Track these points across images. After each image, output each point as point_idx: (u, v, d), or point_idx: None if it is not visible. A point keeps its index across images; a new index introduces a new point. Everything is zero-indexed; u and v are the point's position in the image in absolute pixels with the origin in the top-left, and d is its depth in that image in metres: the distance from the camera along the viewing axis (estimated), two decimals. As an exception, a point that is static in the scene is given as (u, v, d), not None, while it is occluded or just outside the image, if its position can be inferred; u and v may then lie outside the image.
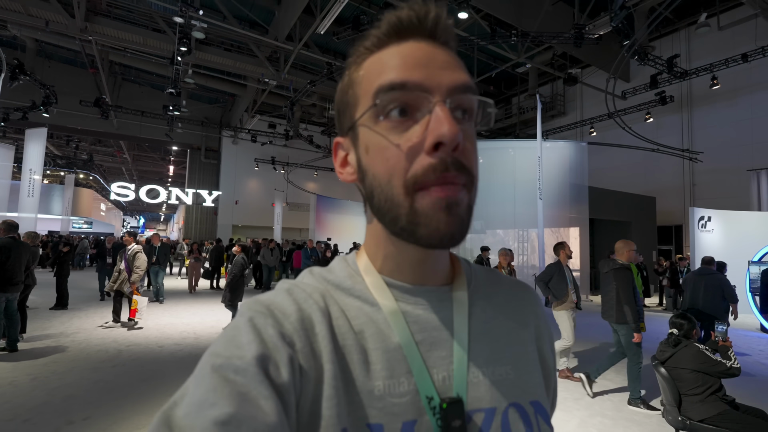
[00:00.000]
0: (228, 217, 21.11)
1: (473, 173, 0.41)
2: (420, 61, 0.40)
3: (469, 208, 0.41)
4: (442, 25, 0.42)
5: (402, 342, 0.42)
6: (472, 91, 0.41)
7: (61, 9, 10.94)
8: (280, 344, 0.38)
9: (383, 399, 0.40)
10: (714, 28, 11.18)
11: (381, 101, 0.40)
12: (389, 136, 0.40)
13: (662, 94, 12.55)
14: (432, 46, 0.42)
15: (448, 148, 0.37)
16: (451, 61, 0.42)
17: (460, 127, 0.39)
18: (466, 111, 0.41)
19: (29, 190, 11.37)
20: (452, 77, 0.40)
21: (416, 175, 0.38)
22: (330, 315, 0.43)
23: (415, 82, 0.39)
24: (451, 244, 0.39)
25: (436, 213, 0.38)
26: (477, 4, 9.99)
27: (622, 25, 9.02)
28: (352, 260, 0.49)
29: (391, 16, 0.42)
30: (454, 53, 0.44)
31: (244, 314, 0.41)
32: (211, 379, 0.34)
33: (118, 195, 21.51)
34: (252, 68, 13.87)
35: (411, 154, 0.39)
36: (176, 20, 9.61)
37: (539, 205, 8.01)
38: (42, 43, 14.78)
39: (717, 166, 12.81)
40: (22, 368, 4.27)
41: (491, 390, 0.43)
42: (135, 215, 47.62)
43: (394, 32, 0.42)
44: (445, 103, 0.39)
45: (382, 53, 0.42)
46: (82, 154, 24.85)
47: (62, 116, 16.54)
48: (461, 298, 0.47)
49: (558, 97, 17.85)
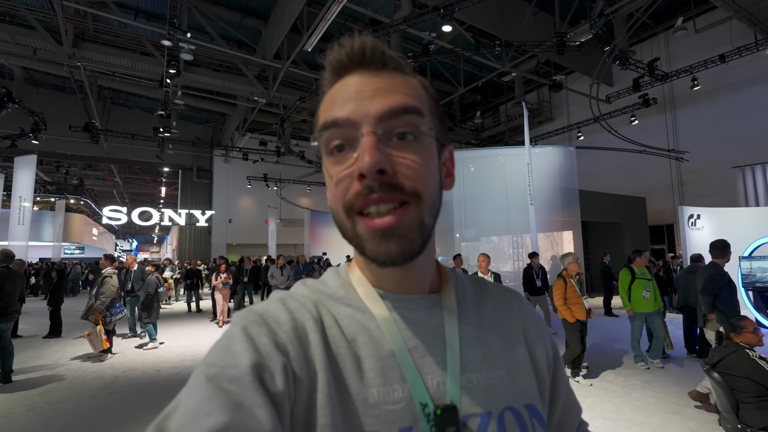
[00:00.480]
0: (222, 236, 20.98)
1: (416, 189, 0.41)
2: (350, 95, 0.43)
3: (418, 225, 0.42)
4: (369, 51, 0.44)
5: (395, 349, 0.43)
6: (406, 111, 0.42)
7: (48, 37, 10.99)
8: (275, 353, 0.38)
9: (378, 406, 0.40)
10: (691, 31, 11.50)
11: (321, 140, 0.44)
12: (334, 169, 0.43)
13: (645, 97, 12.81)
14: (363, 77, 0.44)
15: (369, 178, 0.40)
16: (380, 87, 0.43)
17: (394, 153, 0.41)
18: (405, 133, 0.42)
19: (19, 217, 11.25)
20: (380, 104, 0.42)
21: (349, 200, 0.42)
22: (323, 323, 0.44)
23: (344, 117, 0.42)
24: (398, 263, 0.42)
25: (373, 239, 0.41)
26: (460, 16, 10.20)
27: (602, 31, 9.25)
28: (344, 272, 0.51)
29: (329, 56, 0.45)
30: (395, 72, 0.45)
31: (238, 324, 0.41)
32: (205, 389, 0.34)
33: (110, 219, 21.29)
34: (241, 87, 13.98)
35: (346, 183, 0.42)
36: (164, 43, 9.69)
37: (531, 210, 8.09)
38: (30, 70, 14.79)
39: (703, 165, 13.04)
40: (17, 399, 4.20)
41: (486, 394, 0.44)
42: (128, 238, 47.16)
43: (335, 72, 0.45)
44: (375, 132, 0.41)
45: (331, 91, 0.45)
46: (73, 180, 24.67)
47: (52, 142, 16.48)
48: (450, 305, 0.48)
49: (544, 104, 18.14)
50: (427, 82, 0.49)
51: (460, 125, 19.72)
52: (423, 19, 9.23)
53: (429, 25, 10.91)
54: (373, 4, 11.37)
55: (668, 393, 4.09)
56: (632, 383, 4.43)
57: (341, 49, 0.44)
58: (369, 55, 0.44)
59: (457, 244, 10.25)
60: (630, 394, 4.11)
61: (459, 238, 10.35)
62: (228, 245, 21.09)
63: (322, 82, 0.47)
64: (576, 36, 10.03)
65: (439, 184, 0.46)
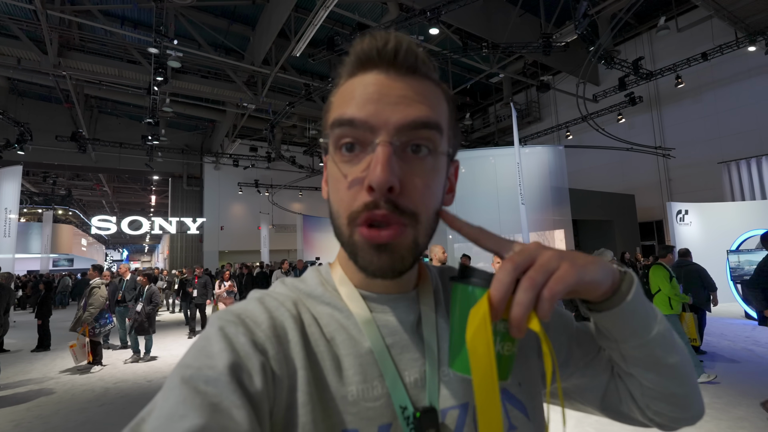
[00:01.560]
0: (214, 244, 20.82)
1: (415, 212, 0.41)
2: (371, 96, 0.41)
3: (412, 245, 0.41)
4: (403, 53, 0.42)
5: (373, 347, 0.43)
6: (426, 126, 0.41)
7: (33, 46, 10.86)
8: (252, 352, 0.38)
9: (357, 404, 0.40)
10: (673, 30, 11.69)
11: (332, 135, 0.42)
12: (341, 168, 0.42)
13: (631, 95, 13.00)
14: (390, 79, 0.42)
15: (378, 193, 0.38)
16: (406, 95, 0.41)
17: (404, 167, 0.40)
18: (420, 146, 0.42)
19: (5, 230, 11.07)
20: (402, 114, 0.40)
21: (355, 210, 0.40)
22: (302, 322, 0.44)
23: (362, 119, 0.40)
24: (387, 277, 0.41)
25: (367, 250, 0.40)
26: (447, 19, 10.28)
27: (587, 32, 9.39)
28: (326, 271, 0.51)
29: (356, 45, 0.43)
30: (423, 79, 0.43)
31: (215, 324, 0.40)
32: (180, 391, 0.33)
33: (100, 229, 21.03)
34: (230, 93, 13.92)
35: (354, 190, 0.41)
36: (151, 51, 9.63)
37: (522, 210, 8.14)
38: (14, 80, 14.60)
39: (689, 161, 13.25)
40: (4, 415, 4.11)
41: (462, 386, 0.44)
42: (118, 248, 46.57)
43: (359, 63, 0.43)
44: (391, 143, 0.39)
45: (351, 81, 0.43)
46: (60, 190, 24.34)
47: (38, 153, 16.23)
48: (428, 302, 0.48)
49: (533, 104, 18.32)
50: (450, 91, 0.47)
51: (450, 127, 19.83)
52: (410, 22, 9.29)
53: (416, 29, 10.97)
54: (361, 9, 11.42)
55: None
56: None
57: (372, 42, 0.42)
58: (401, 57, 0.42)
59: (450, 245, 10.27)
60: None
61: (452, 239, 10.38)
62: (220, 252, 20.94)
63: (342, 68, 0.45)
64: (561, 37, 10.16)
65: (439, 204, 0.45)
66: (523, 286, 0.34)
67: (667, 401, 0.48)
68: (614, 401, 0.53)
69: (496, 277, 0.35)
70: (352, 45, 0.44)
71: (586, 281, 0.37)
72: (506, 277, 0.34)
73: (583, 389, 0.54)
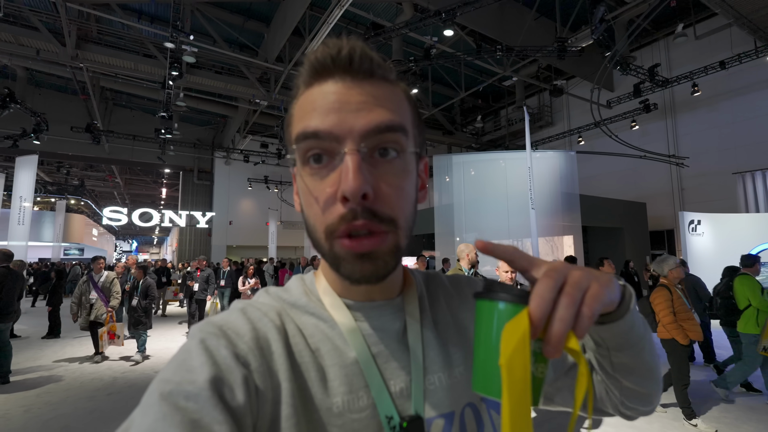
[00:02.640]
0: (222, 238, 20.98)
1: (393, 217, 0.41)
2: (332, 106, 0.40)
3: (394, 249, 0.41)
4: (358, 58, 0.41)
5: (359, 357, 0.42)
6: (391, 129, 0.41)
7: (51, 38, 11.02)
8: (234, 365, 0.37)
9: (342, 416, 0.39)
10: (691, 38, 11.53)
11: (299, 149, 0.42)
12: (311, 182, 0.41)
13: (646, 102, 12.85)
14: (348, 86, 0.41)
15: (353, 202, 0.38)
16: (367, 100, 0.41)
17: (375, 172, 0.40)
18: (387, 149, 0.41)
19: (19, 217, 11.25)
20: (365, 120, 0.40)
21: (330, 224, 0.40)
22: (287, 333, 0.43)
23: (326, 130, 0.40)
24: (371, 282, 0.41)
25: (350, 260, 0.40)
26: (462, 21, 10.25)
27: (603, 37, 9.30)
28: (310, 280, 0.50)
29: (311, 55, 0.42)
30: (381, 82, 0.43)
31: (196, 336, 0.39)
32: (159, 408, 0.32)
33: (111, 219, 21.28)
34: (243, 90, 14.02)
35: (327, 203, 0.40)
36: (167, 45, 9.74)
37: (532, 215, 8.08)
38: (32, 71, 14.84)
39: (703, 171, 13.05)
40: (14, 400, 4.18)
41: (448, 394, 0.44)
42: (128, 239, 47.15)
43: (315, 72, 0.42)
44: (358, 150, 0.39)
45: (309, 92, 0.43)
46: (74, 180, 24.70)
47: (53, 143, 16.51)
48: (412, 310, 0.48)
49: (545, 108, 18.18)
50: (409, 89, 0.47)
51: (461, 129, 19.76)
52: (424, 23, 9.27)
53: (430, 30, 10.95)
54: (375, 9, 11.42)
55: (672, 399, 4.07)
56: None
57: (326, 50, 0.41)
58: (357, 63, 0.41)
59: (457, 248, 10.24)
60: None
61: (459, 242, 10.34)
62: (228, 247, 21.09)
63: (299, 79, 0.44)
64: (577, 41, 10.07)
65: (414, 204, 0.45)
66: (563, 303, 0.34)
67: (641, 398, 0.51)
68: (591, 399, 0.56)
69: (537, 294, 0.34)
70: (306, 55, 0.43)
71: (611, 299, 0.38)
72: (549, 293, 0.34)
73: (563, 390, 0.56)
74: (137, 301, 5.76)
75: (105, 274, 5.75)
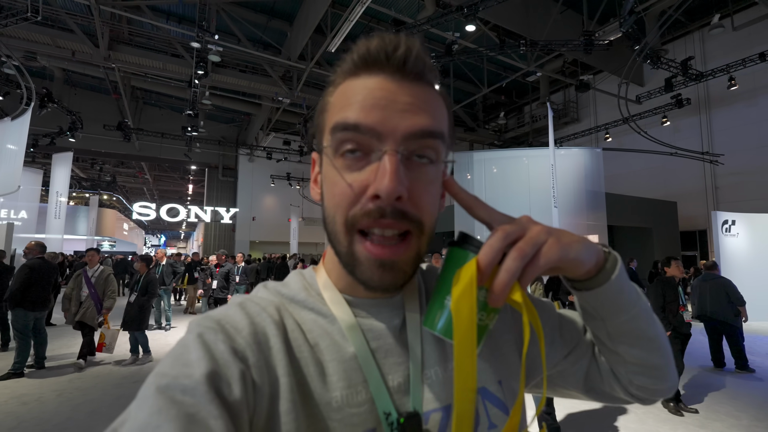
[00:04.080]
0: (245, 234, 21.44)
1: (421, 220, 0.41)
2: (379, 102, 0.40)
3: (415, 258, 0.42)
4: (413, 58, 0.41)
5: (357, 351, 0.42)
6: (432, 136, 0.41)
7: (86, 39, 11.50)
8: (232, 360, 0.37)
9: (342, 410, 0.39)
10: (728, 29, 11.00)
11: (335, 139, 0.41)
12: (342, 172, 0.41)
13: (678, 97, 12.34)
14: (397, 84, 0.41)
15: (385, 202, 0.38)
16: (414, 103, 0.40)
17: (409, 175, 0.39)
18: (425, 156, 0.41)
19: (56, 211, 11.83)
20: (410, 122, 0.40)
21: (355, 216, 0.40)
22: (285, 328, 0.43)
23: (368, 126, 0.39)
24: (388, 291, 0.41)
25: (370, 266, 0.40)
26: (485, 15, 10.09)
27: (633, 29, 8.97)
28: (310, 275, 0.50)
29: (361, 45, 0.42)
30: (429, 87, 0.43)
31: (193, 331, 0.39)
32: (155, 401, 0.32)
33: (140, 214, 22.12)
34: (266, 88, 14.25)
35: (355, 196, 0.40)
36: (193, 45, 10.01)
37: (554, 213, 7.92)
38: (68, 72, 15.52)
39: (739, 169, 12.45)
40: (48, 385, 4.41)
41: (445, 388, 0.44)
42: (156, 234, 48.77)
43: (363, 63, 0.42)
44: (397, 152, 0.38)
45: (353, 82, 0.42)
46: (106, 176, 25.73)
47: (87, 140, 17.25)
48: (412, 305, 0.48)
49: (571, 104, 17.72)
50: (449, 99, 0.47)
51: (483, 126, 19.50)
52: (446, 19, 9.17)
53: (452, 25, 10.83)
54: (397, 5, 11.38)
55: (695, 406, 3.92)
56: (656, 393, 4.27)
57: (382, 44, 0.41)
58: (411, 63, 0.41)
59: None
60: (655, 405, 3.96)
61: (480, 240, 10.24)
62: (251, 242, 21.54)
63: (341, 66, 0.44)
64: (605, 35, 9.76)
65: (437, 212, 0.44)
66: (511, 256, 0.35)
67: (649, 374, 0.51)
68: (596, 381, 0.56)
69: (486, 243, 0.36)
70: (356, 44, 0.42)
71: (570, 258, 0.39)
72: (496, 243, 0.36)
73: (565, 374, 0.56)
74: (136, 297, 5.26)
75: (99, 269, 5.18)
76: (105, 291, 5.03)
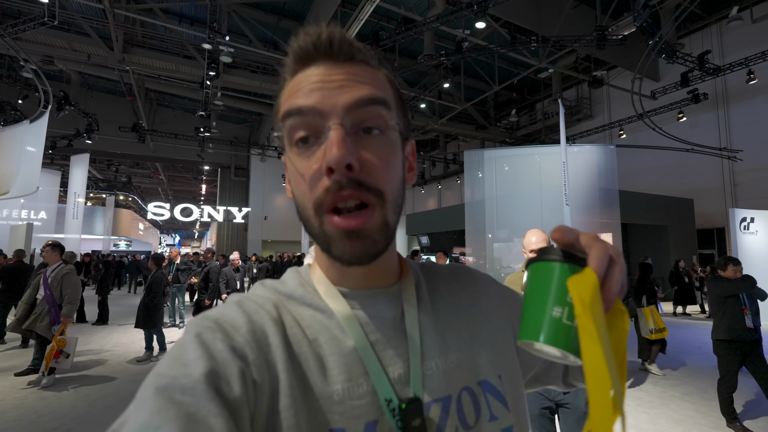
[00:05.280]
0: (258, 233, 21.67)
1: (380, 188, 0.41)
2: (315, 85, 0.41)
3: (382, 226, 0.42)
4: (337, 42, 0.43)
5: (357, 344, 0.43)
6: (373, 102, 0.42)
7: (101, 43, 11.74)
8: (231, 358, 0.37)
9: (343, 403, 0.40)
10: (747, 21, 10.72)
11: (285, 128, 0.42)
12: (298, 162, 0.42)
13: (695, 92, 12.05)
14: (330, 67, 0.43)
15: (338, 173, 0.39)
16: (349, 78, 0.42)
17: (360, 146, 0.41)
18: (371, 127, 0.42)
19: (74, 212, 12.10)
20: (348, 95, 0.41)
21: (318, 197, 0.40)
22: (284, 324, 0.43)
23: (310, 106, 0.41)
24: (363, 263, 0.41)
25: (340, 239, 0.40)
26: (495, 12, 10.00)
27: (647, 24, 8.79)
28: (305, 271, 0.50)
29: (292, 44, 0.44)
30: (362, 65, 0.44)
31: (191, 330, 0.39)
32: (154, 402, 0.32)
33: (155, 214, 22.49)
34: (277, 88, 14.20)
35: (314, 178, 0.41)
36: (205, 47, 10.13)
37: (566, 211, 7.82)
38: (85, 75, 15.87)
39: (759, 165, 12.11)
40: (65, 381, 4.52)
41: (445, 379, 0.44)
42: (171, 233, 49.57)
43: (298, 60, 0.44)
44: (342, 125, 0.40)
45: (294, 79, 0.44)
46: (122, 177, 26.26)
47: (103, 142, 17.63)
48: (410, 296, 0.48)
49: (584, 101, 17.46)
50: (391, 75, 0.48)
51: (495, 123, 19.32)
52: (456, 16, 9.11)
53: (463, 22, 10.77)
54: (407, 3, 11.36)
55: (709, 407, 3.84)
56: (670, 394, 4.20)
57: (307, 38, 0.43)
58: (336, 46, 0.43)
59: (489, 244, 10.05)
60: (668, 405, 3.90)
61: (491, 238, 10.15)
62: (263, 241, 21.75)
63: (284, 69, 0.46)
64: (618, 29, 9.59)
65: (401, 181, 0.46)
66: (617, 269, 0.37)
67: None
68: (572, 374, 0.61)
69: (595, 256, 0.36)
70: (290, 44, 0.44)
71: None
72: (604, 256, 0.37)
73: (549, 370, 0.60)
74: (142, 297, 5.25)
75: (57, 267, 4.34)
76: (62, 294, 4.22)
